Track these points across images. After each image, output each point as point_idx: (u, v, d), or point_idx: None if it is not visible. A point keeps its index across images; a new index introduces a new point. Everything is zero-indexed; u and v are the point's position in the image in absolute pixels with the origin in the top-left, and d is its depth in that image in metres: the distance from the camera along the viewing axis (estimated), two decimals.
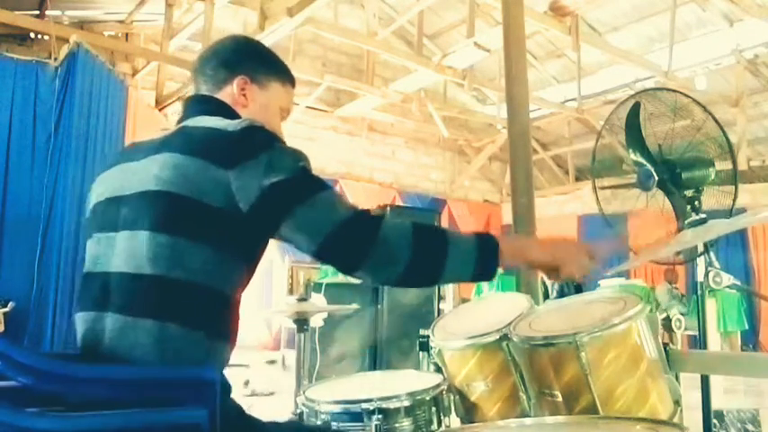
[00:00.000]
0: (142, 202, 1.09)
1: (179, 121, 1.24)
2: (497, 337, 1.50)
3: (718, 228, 1.49)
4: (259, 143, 1.09)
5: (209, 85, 1.29)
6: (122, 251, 1.07)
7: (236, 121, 1.14)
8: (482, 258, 1.12)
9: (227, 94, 1.27)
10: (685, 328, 1.60)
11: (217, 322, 1.09)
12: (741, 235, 8.53)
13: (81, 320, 1.11)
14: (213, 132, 1.12)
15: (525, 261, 1.19)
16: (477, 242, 1.12)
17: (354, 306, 3.32)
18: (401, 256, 1.06)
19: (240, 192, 1.05)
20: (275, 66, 1.34)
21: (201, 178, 1.06)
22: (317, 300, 3.79)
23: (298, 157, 1.11)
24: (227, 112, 1.22)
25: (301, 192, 1.07)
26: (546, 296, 7.80)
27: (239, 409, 1.14)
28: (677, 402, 1.41)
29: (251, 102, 1.27)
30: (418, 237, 1.08)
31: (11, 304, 4.15)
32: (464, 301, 5.69)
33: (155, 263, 1.04)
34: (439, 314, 4.48)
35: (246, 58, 1.31)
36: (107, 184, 1.19)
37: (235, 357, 1.17)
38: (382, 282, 1.17)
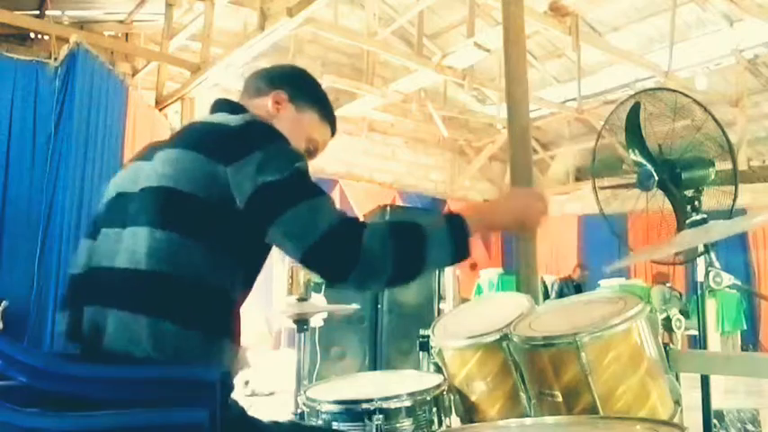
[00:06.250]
0: (145, 198, 1.09)
1: None
2: (497, 337, 1.50)
3: (718, 230, 1.49)
4: (257, 139, 1.08)
5: (245, 94, 1.32)
6: (125, 247, 1.07)
7: (240, 116, 1.14)
8: (456, 241, 1.13)
9: (260, 103, 1.29)
10: (685, 328, 1.60)
11: (214, 320, 1.08)
12: (741, 235, 8.53)
13: (84, 315, 1.10)
14: (214, 127, 1.12)
15: (492, 228, 1.29)
16: (448, 227, 1.13)
17: (354, 306, 3.31)
18: (384, 265, 1.06)
19: (236, 188, 1.04)
20: (321, 100, 1.35)
21: (199, 173, 1.05)
22: (317, 300, 3.79)
23: (294, 157, 1.10)
24: (236, 111, 1.21)
25: (291, 196, 1.05)
26: (546, 296, 7.81)
27: (240, 409, 1.14)
28: (677, 402, 1.41)
29: (282, 116, 1.28)
30: (398, 241, 1.07)
31: (4, 303, 4.14)
32: (464, 301, 5.69)
33: (151, 259, 1.03)
34: (439, 314, 4.48)
35: (294, 81, 1.34)
36: (120, 181, 1.19)
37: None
38: (367, 290, 1.18)
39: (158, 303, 1.04)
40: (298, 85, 1.33)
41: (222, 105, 1.25)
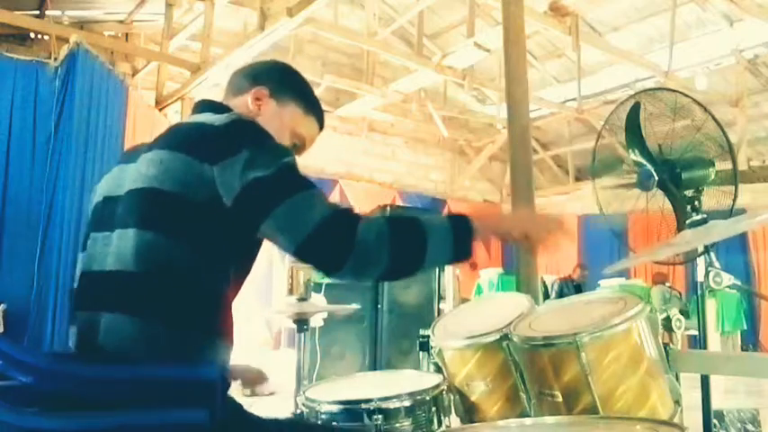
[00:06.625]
0: (131, 200, 1.09)
1: None
2: (497, 337, 1.50)
3: (719, 231, 1.49)
4: (243, 137, 1.07)
5: (228, 92, 1.30)
6: (115, 250, 1.07)
7: (224, 115, 1.12)
8: (458, 239, 1.12)
9: (241, 101, 1.28)
10: (685, 328, 1.60)
11: (205, 320, 1.07)
12: (741, 235, 8.53)
13: (78, 319, 1.11)
14: (199, 127, 1.11)
15: (497, 234, 1.21)
16: (450, 224, 1.12)
17: (354, 306, 3.31)
18: (380, 256, 1.05)
19: (223, 187, 1.03)
20: (303, 93, 1.33)
21: (185, 173, 1.05)
22: (317, 300, 3.79)
23: (281, 152, 1.09)
24: (220, 110, 1.20)
25: (281, 190, 1.04)
26: (546, 296, 7.81)
27: (237, 405, 1.14)
28: (677, 402, 1.41)
29: (263, 112, 1.27)
30: (395, 233, 1.07)
31: (3, 306, 4.13)
32: (464, 301, 5.69)
33: (140, 260, 1.03)
34: (439, 314, 4.48)
35: (275, 75, 1.32)
36: (105, 185, 1.19)
37: (234, 357, 1.16)
38: (364, 281, 1.17)
39: (148, 305, 1.03)
40: (278, 79, 1.31)
41: (205, 106, 1.24)
